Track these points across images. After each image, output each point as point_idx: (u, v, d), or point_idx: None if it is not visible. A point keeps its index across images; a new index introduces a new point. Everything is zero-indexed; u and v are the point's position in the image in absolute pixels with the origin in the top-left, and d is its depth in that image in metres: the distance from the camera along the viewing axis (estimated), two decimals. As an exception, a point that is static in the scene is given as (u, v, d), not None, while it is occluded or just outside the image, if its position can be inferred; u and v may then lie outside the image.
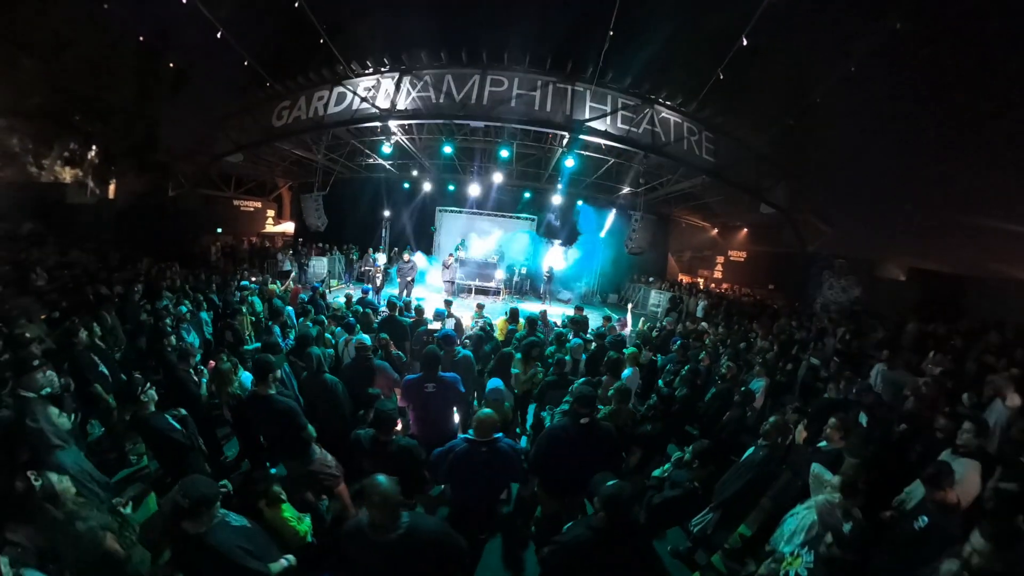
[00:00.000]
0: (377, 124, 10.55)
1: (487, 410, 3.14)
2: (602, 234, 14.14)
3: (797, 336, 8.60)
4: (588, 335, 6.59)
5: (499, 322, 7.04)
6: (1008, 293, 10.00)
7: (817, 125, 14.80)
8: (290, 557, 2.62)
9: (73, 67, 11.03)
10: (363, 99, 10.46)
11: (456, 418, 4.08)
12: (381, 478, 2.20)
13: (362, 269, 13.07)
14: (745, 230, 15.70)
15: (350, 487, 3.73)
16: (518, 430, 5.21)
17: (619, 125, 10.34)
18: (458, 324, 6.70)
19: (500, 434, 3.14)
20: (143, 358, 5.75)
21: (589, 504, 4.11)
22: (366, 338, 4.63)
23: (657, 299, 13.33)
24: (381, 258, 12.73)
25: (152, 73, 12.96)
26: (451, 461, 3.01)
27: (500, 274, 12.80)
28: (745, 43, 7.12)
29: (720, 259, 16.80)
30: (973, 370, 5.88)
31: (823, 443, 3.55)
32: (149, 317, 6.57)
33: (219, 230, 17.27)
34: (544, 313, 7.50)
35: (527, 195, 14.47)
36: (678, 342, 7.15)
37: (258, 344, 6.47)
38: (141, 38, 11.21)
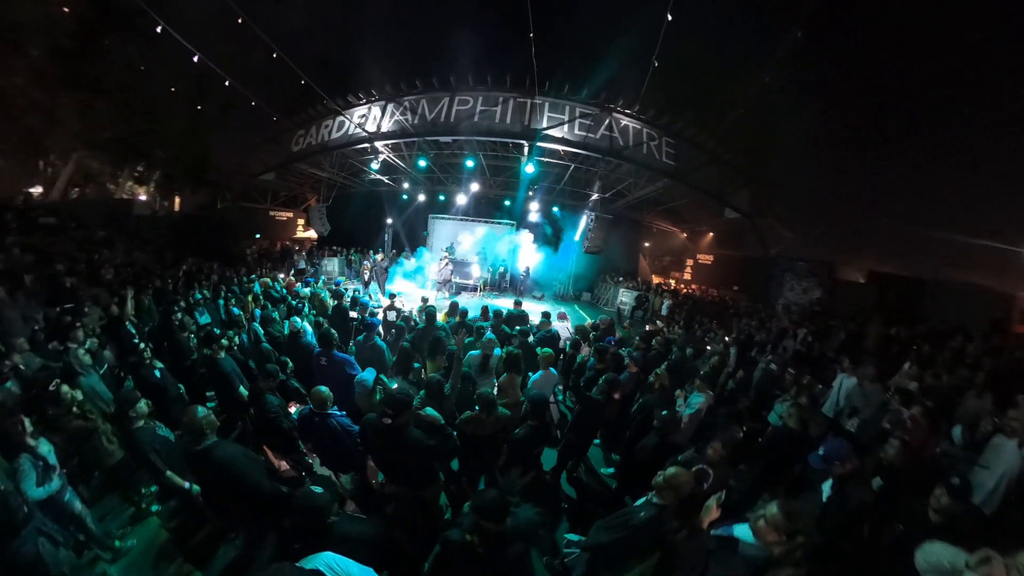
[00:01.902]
0: (367, 144, 11.70)
1: (321, 387, 3.32)
2: (576, 237, 14.56)
3: (757, 338, 7.91)
4: (514, 330, 6.09)
5: (441, 316, 7.03)
6: (966, 297, 9.66)
7: (779, 134, 14.68)
8: (196, 487, 3.31)
9: (136, 106, 12.86)
10: (357, 125, 11.61)
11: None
12: (199, 408, 2.87)
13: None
14: (711, 234, 15.63)
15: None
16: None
17: (576, 132, 10.66)
18: (399, 315, 7.03)
19: (342, 413, 3.39)
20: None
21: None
22: (296, 321, 5.50)
23: (625, 297, 13.60)
24: (379, 257, 13.83)
25: (199, 109, 14.73)
26: (298, 423, 3.49)
27: (477, 271, 13.47)
28: (670, 18, 6.54)
29: (689, 262, 16.78)
30: (951, 385, 4.78)
31: (746, 528, 2.06)
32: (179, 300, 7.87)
33: (257, 236, 19.13)
34: (485, 308, 7.46)
35: (507, 203, 15.10)
36: (610, 342, 6.00)
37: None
38: (172, 89, 12.83)
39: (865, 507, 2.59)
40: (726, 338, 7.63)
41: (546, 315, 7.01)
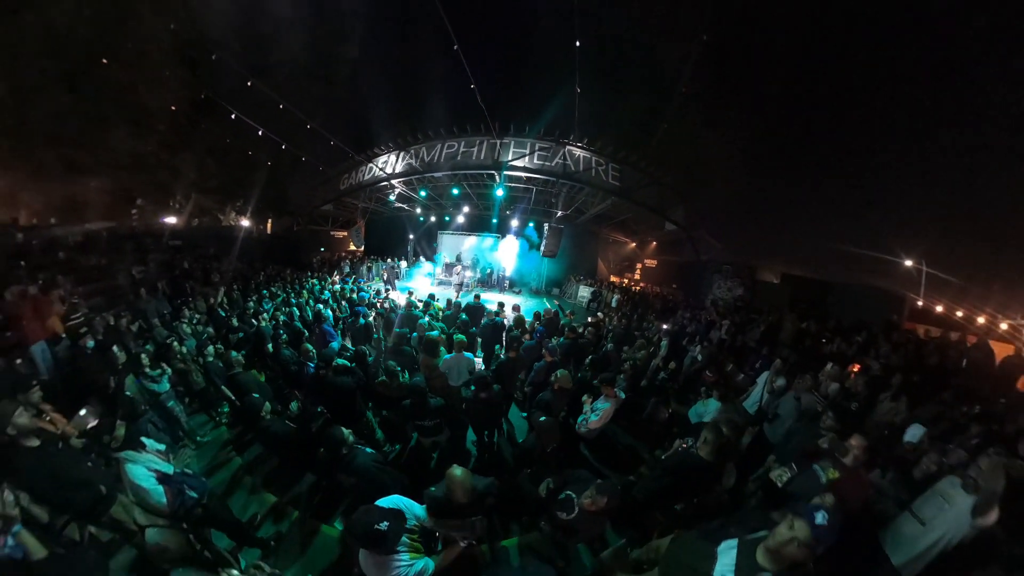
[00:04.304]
0: (387, 182, 12.92)
1: (308, 345, 4.31)
2: (546, 246, 15.16)
3: (689, 328, 7.39)
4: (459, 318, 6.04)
5: (437, 306, 7.39)
6: (863, 297, 9.51)
7: (706, 163, 14.82)
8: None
9: (233, 162, 14.66)
10: (380, 168, 12.85)
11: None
12: (233, 351, 3.95)
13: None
14: (655, 243, 15.79)
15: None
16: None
17: (535, 161, 11.20)
18: (391, 307, 7.54)
19: (313, 364, 4.06)
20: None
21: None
22: (320, 307, 6.67)
23: (584, 292, 13.86)
24: (403, 264, 15.09)
25: (273, 164, 16.46)
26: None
27: (469, 273, 14.18)
28: (577, 45, 6.65)
29: (639, 265, 16.95)
30: (862, 389, 3.92)
31: None
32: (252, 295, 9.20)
33: (322, 249, 20.91)
34: (450, 300, 7.58)
35: (495, 220, 16.01)
36: (540, 331, 5.48)
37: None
38: (250, 153, 14.47)
39: None
40: (664, 327, 7.31)
41: (500, 305, 6.81)
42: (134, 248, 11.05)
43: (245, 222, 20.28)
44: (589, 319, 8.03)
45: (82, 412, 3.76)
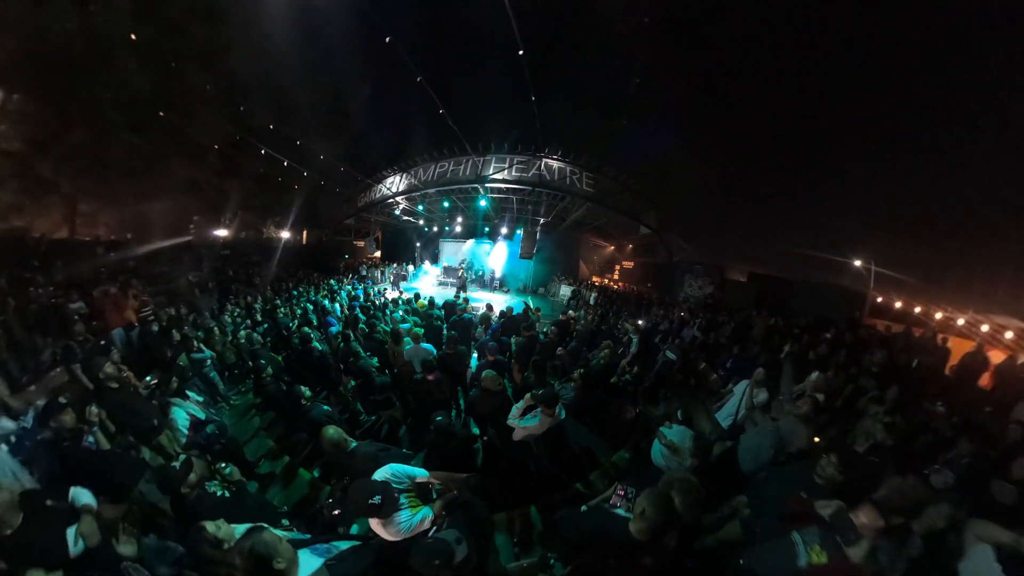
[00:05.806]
0: (391, 200, 13.82)
1: (309, 330, 5.12)
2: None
3: (662, 326, 6.79)
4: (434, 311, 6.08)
5: (420, 302, 7.27)
6: (825, 294, 9.47)
7: (675, 171, 15.07)
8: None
9: (271, 185, 15.90)
10: (387, 187, 13.77)
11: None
12: (255, 334, 4.89)
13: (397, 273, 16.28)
14: (631, 246, 16.01)
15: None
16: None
17: (514, 173, 11.58)
18: (383, 301, 8.30)
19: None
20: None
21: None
22: (327, 303, 7.54)
23: (564, 290, 13.96)
24: (411, 268, 15.97)
25: (307, 184, 17.67)
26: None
27: (464, 275, 14.65)
28: (521, 53, 6.71)
29: (617, 266, 17.19)
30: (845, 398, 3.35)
31: None
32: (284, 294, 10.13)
33: (346, 256, 22.13)
34: (431, 299, 7.51)
35: (486, 228, 16.66)
36: (496, 328, 5.10)
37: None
38: (280, 178, 15.65)
39: None
40: (639, 322, 6.81)
41: (466, 301, 6.75)
42: (191, 257, 12.22)
43: (284, 234, 21.67)
44: (561, 316, 7.10)
45: (147, 378, 4.68)
